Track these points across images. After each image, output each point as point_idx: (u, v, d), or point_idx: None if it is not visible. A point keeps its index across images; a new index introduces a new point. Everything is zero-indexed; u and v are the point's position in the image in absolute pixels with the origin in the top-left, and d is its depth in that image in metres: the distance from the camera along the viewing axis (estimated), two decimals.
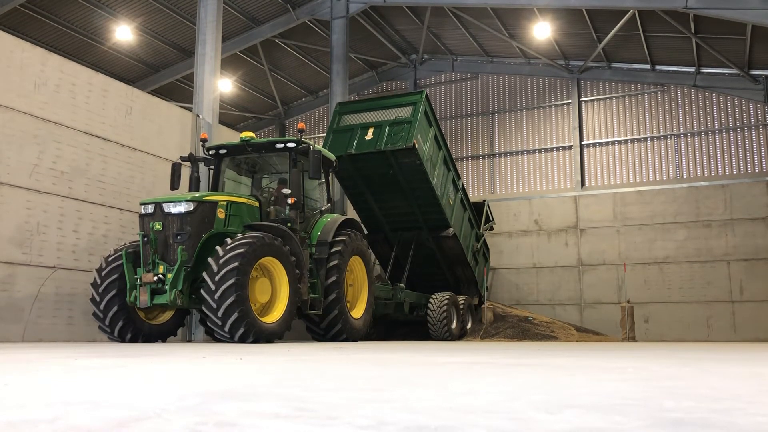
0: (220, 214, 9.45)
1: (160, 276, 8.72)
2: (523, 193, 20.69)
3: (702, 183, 18.51)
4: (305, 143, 10.46)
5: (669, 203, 18.70)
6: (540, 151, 20.79)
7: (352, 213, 16.61)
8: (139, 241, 9.12)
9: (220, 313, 8.24)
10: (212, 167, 11.08)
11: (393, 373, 3.23)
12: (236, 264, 8.29)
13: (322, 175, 11.45)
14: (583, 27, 18.29)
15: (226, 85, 21.84)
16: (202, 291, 8.42)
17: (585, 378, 3.00)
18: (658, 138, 19.47)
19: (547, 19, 18.23)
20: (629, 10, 16.52)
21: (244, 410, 1.74)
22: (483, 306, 17.44)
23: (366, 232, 16.31)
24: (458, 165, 21.66)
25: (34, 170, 10.00)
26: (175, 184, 10.61)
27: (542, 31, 18.68)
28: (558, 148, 20.56)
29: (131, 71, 20.60)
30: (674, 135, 19.31)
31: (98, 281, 8.95)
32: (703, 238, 18.18)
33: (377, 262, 17.12)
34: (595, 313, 18.96)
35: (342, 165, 14.32)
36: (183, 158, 10.82)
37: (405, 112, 14.34)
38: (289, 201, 10.25)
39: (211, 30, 13.61)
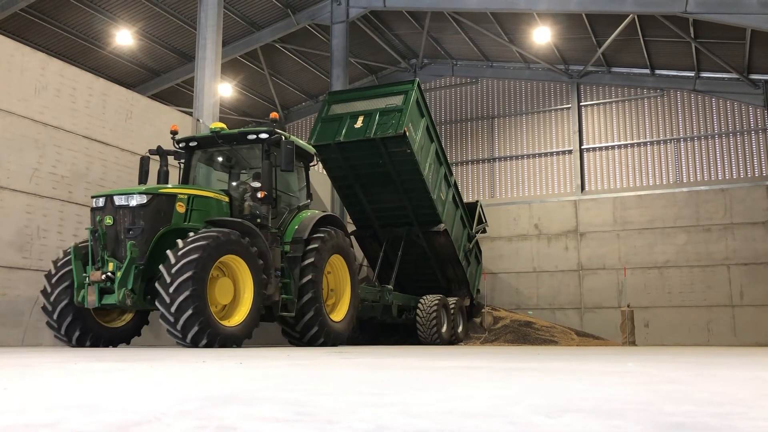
0: (180, 208, 8.80)
1: (109, 274, 8.08)
2: (523, 197, 20.70)
3: (702, 187, 18.52)
4: (278, 133, 9.86)
5: (669, 207, 18.70)
6: (540, 155, 20.81)
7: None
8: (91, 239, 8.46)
9: (175, 318, 7.67)
10: (183, 161, 10.43)
11: (392, 377, 3.22)
12: (193, 264, 7.70)
13: (302, 169, 10.94)
14: (583, 31, 18.32)
15: (226, 90, 21.87)
16: (157, 285, 7.81)
17: (585, 382, 3.00)
18: (658, 142, 19.49)
19: (546, 24, 18.27)
20: (629, 15, 16.55)
21: (244, 414, 1.74)
22: (483, 310, 17.40)
23: (355, 228, 15.65)
24: (458, 169, 21.68)
25: (34, 174, 10.00)
26: (142, 179, 10.02)
27: (542, 36, 18.72)
28: (558, 153, 20.58)
29: (131, 75, 20.63)
30: (674, 139, 19.33)
31: (48, 289, 8.37)
32: (703, 242, 18.18)
33: (366, 263, 16.65)
34: (596, 318, 18.94)
35: (330, 155, 13.84)
36: (151, 152, 10.22)
37: (396, 100, 13.85)
38: (259, 195, 9.58)
39: (211, 34, 13.63)
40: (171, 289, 7.64)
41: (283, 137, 9.80)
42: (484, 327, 16.93)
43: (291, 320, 9.82)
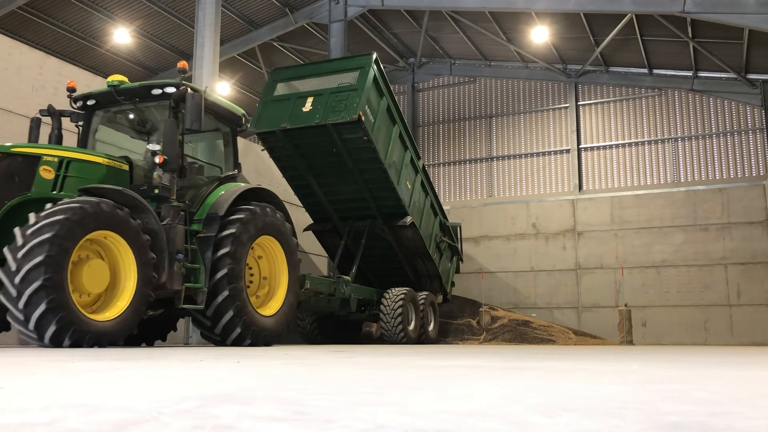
0: (46, 173, 7.11)
1: None
2: (521, 196, 20.71)
3: (699, 187, 18.54)
4: (186, 86, 8.19)
5: (666, 207, 18.73)
6: (538, 154, 20.82)
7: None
8: None
9: (21, 305, 6.13)
10: (80, 123, 8.78)
11: (390, 376, 3.22)
12: (47, 245, 6.17)
13: (228, 135, 9.41)
14: (581, 31, 18.33)
15: (224, 89, 21.85)
16: (0, 273, 6.30)
17: (583, 381, 3.00)
18: (656, 142, 19.51)
19: (545, 23, 18.28)
20: (627, 15, 16.57)
21: (241, 413, 1.74)
22: (481, 310, 17.41)
23: (312, 221, 14.29)
24: (455, 168, 21.70)
25: None
26: None
27: (540, 35, 18.74)
28: (556, 152, 20.59)
29: (129, 74, 20.57)
30: (672, 139, 19.35)
31: None
32: (701, 241, 18.21)
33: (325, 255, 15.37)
34: (593, 317, 18.96)
35: (276, 143, 12.50)
36: (42, 112, 8.58)
37: (350, 78, 12.21)
38: (157, 160, 7.89)
39: (209, 33, 13.62)
40: (17, 279, 6.13)
41: (190, 90, 8.16)
42: (481, 326, 16.94)
43: (205, 316, 8.21)
